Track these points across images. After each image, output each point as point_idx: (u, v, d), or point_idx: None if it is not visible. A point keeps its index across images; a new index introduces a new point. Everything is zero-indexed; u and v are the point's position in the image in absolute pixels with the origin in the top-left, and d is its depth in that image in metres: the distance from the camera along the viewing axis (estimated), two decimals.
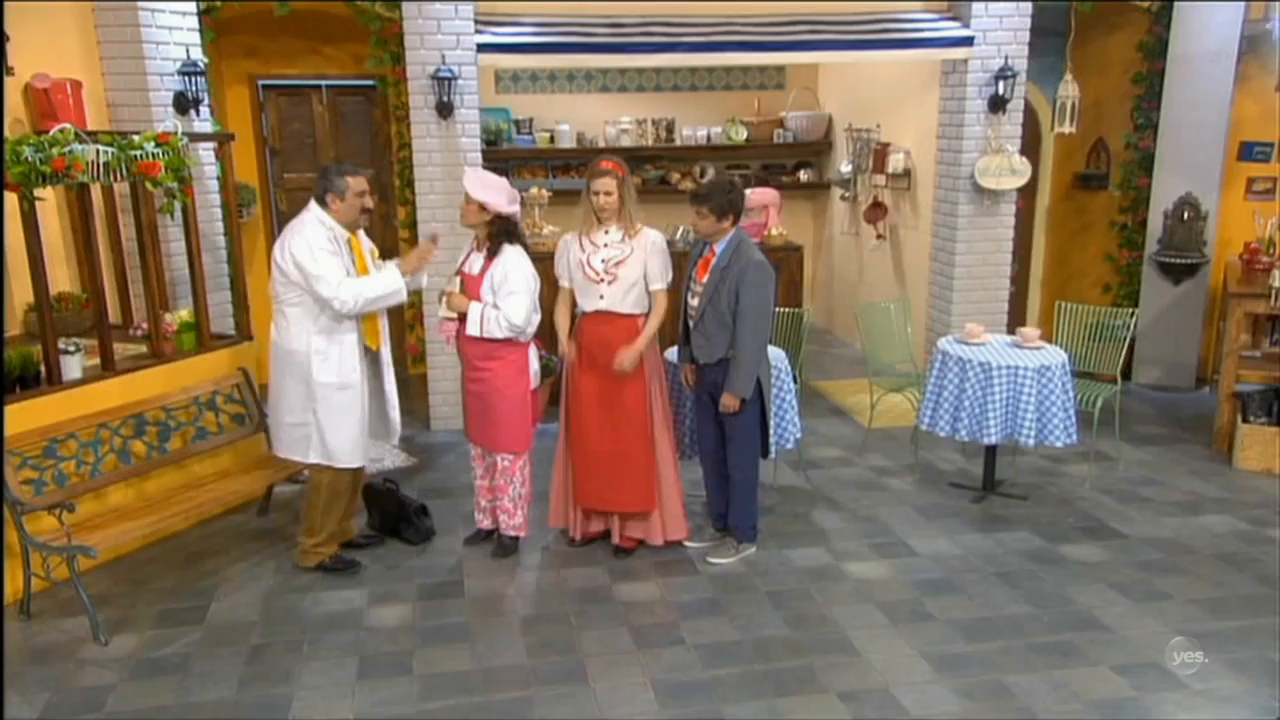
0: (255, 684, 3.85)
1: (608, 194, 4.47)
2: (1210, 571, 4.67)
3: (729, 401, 4.58)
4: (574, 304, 4.75)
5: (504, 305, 4.49)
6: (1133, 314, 5.98)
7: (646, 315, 4.67)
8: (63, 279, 5.54)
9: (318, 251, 4.27)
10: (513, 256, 4.54)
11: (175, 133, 4.69)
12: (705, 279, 4.57)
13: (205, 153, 5.80)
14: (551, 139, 8.92)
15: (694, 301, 4.65)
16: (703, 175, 9.41)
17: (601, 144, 9.06)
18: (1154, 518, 5.29)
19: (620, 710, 3.69)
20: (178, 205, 4.87)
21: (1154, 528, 5.16)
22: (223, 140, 5.38)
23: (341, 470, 4.59)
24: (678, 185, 9.06)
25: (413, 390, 7.20)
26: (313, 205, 4.40)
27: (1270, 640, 4.08)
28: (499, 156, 8.89)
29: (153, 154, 4.48)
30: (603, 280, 4.55)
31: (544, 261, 6.49)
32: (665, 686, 3.83)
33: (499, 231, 4.53)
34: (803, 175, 9.72)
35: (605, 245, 4.56)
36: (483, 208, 4.46)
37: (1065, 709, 3.65)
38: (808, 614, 4.35)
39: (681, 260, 4.99)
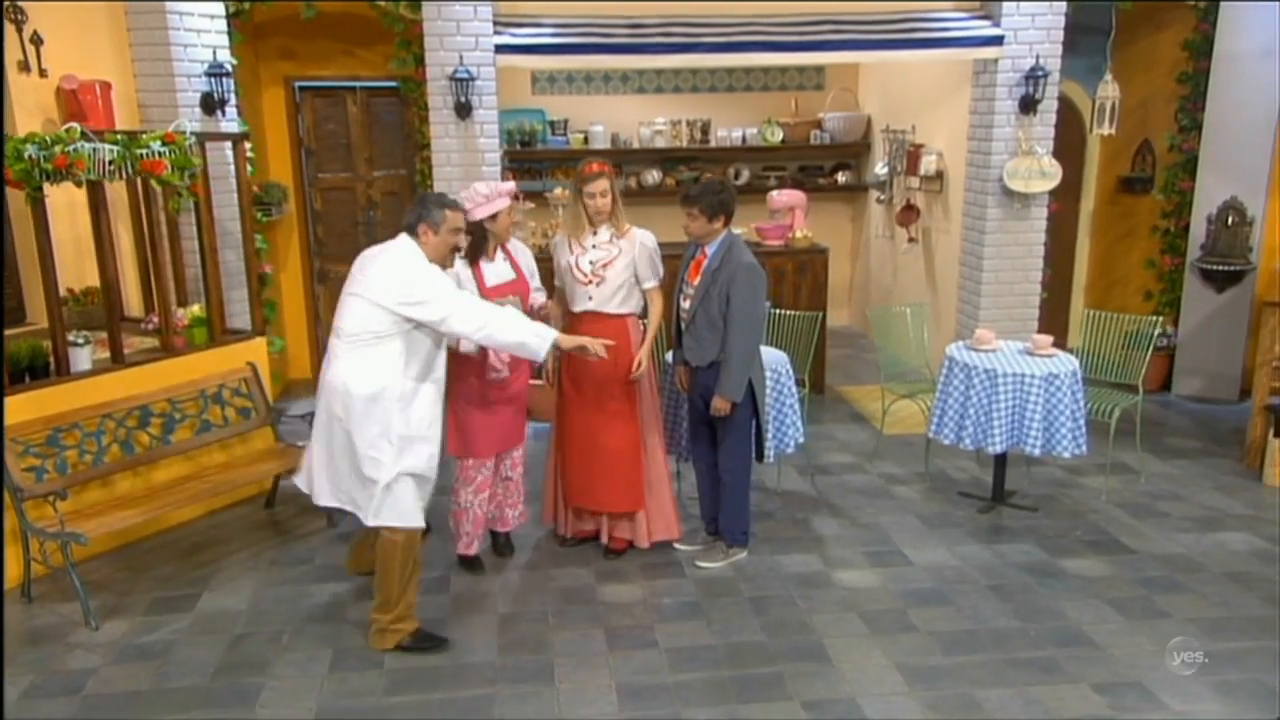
0: (230, 672, 3.94)
1: (603, 195, 4.46)
2: (1216, 590, 4.48)
3: (719, 404, 4.54)
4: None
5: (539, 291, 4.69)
6: (1157, 321, 5.76)
7: (636, 314, 4.67)
8: (93, 274, 5.74)
9: (425, 265, 3.85)
10: (520, 244, 4.70)
11: (183, 132, 4.81)
12: (697, 281, 4.55)
13: (230, 152, 5.96)
14: (585, 140, 8.95)
15: (685, 304, 4.62)
16: (737, 177, 9.37)
17: (635, 145, 9.07)
18: (1167, 533, 5.09)
19: (579, 711, 3.69)
20: (186, 202, 4.99)
21: (1165, 543, 4.97)
22: (237, 139, 5.52)
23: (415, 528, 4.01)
24: None
25: None
26: (401, 237, 3.93)
27: (1266, 663, 3.90)
28: (533, 157, 8.98)
29: (158, 153, 4.61)
30: (590, 282, 4.55)
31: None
32: (629, 689, 3.82)
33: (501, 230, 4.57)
34: (840, 177, 9.59)
35: (594, 247, 4.54)
36: (493, 217, 4.43)
37: None
38: (787, 621, 4.29)
39: (674, 263, 4.94)
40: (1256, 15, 6.86)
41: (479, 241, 4.43)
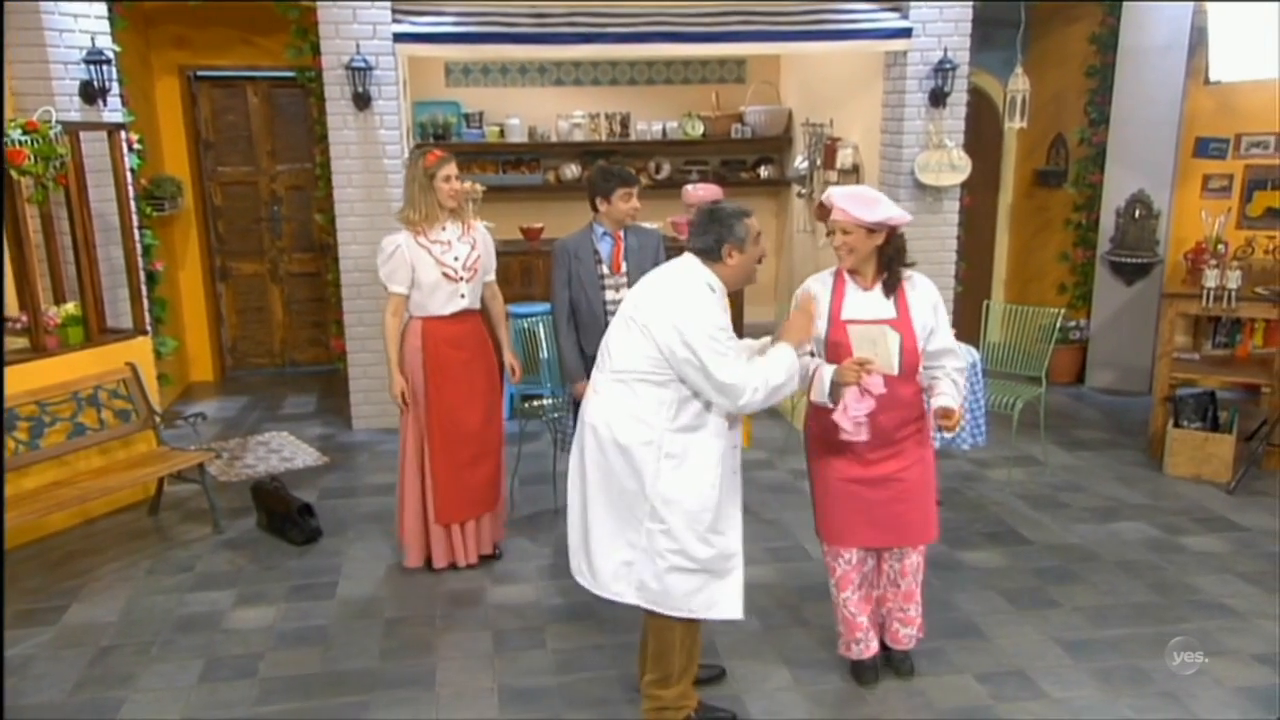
0: (91, 686, 3.75)
1: (458, 177, 4.29)
2: (1105, 579, 4.49)
3: None
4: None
5: (957, 352, 3.50)
6: (1058, 314, 5.79)
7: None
8: None
9: (718, 332, 3.07)
10: (924, 281, 3.48)
11: (47, 120, 4.58)
12: (624, 268, 4.46)
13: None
14: (502, 133, 8.79)
15: (618, 295, 4.44)
16: (658, 171, 9.29)
17: (553, 138, 8.94)
18: (1066, 524, 5.09)
19: (458, 714, 3.57)
20: (56, 195, 4.77)
21: (1062, 534, 4.97)
22: (112, 129, 5.28)
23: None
24: None
25: (335, 388, 7.14)
26: (694, 263, 3.18)
27: (1144, 649, 3.92)
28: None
29: (18, 141, 4.38)
30: (462, 279, 4.34)
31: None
32: (511, 691, 3.71)
33: (893, 254, 3.40)
34: (763, 172, 9.54)
35: (450, 242, 4.33)
36: (871, 230, 3.32)
37: (913, 714, 3.52)
38: None
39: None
40: (1158, 10, 6.93)
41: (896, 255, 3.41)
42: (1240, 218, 7.00)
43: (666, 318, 3.07)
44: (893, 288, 3.40)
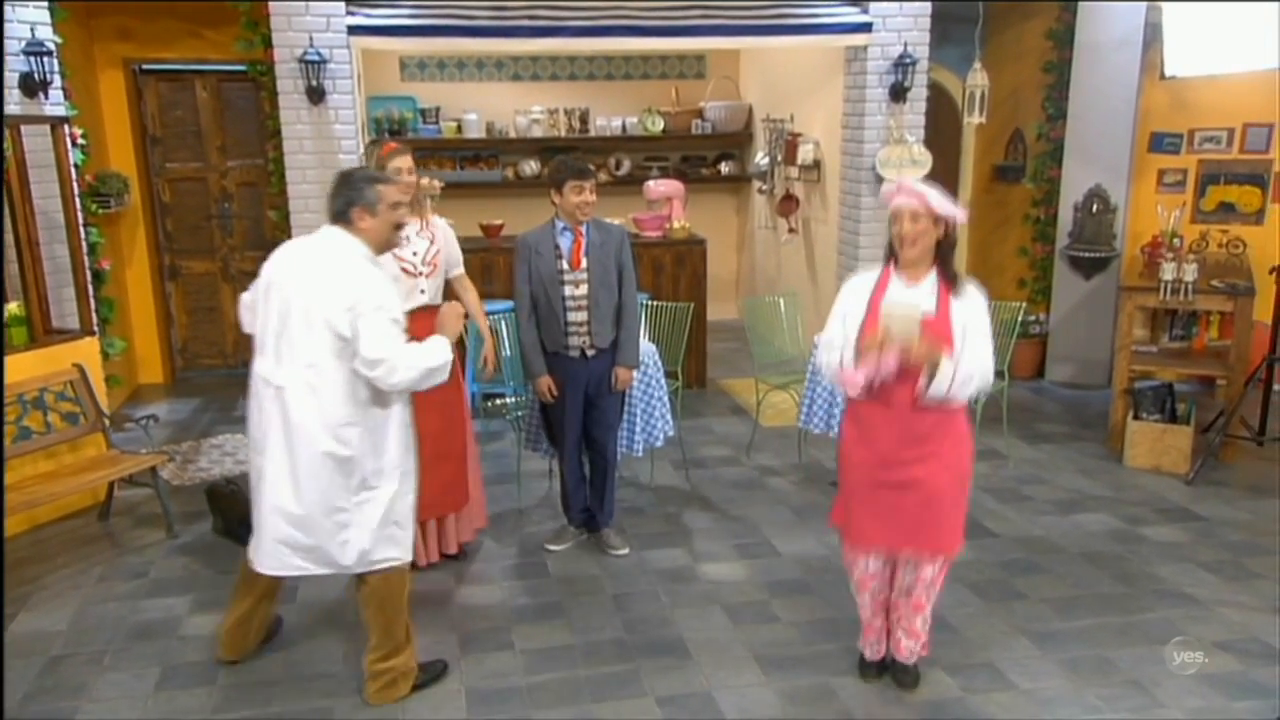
0: (41, 697, 3.61)
1: (410, 172, 4.18)
2: (1070, 570, 4.51)
3: (629, 376, 4.56)
4: None
5: (979, 354, 3.29)
6: (1020, 307, 5.83)
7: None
8: None
9: (387, 309, 3.22)
10: (976, 295, 3.33)
11: None
12: (584, 264, 4.41)
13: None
14: (459, 129, 8.69)
15: (578, 290, 4.42)
16: (618, 167, 9.24)
17: (512, 134, 8.86)
18: (1030, 517, 5.12)
19: (425, 717, 3.50)
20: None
21: (1027, 527, 5.00)
22: (55, 123, 5.11)
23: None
24: None
25: None
26: (331, 231, 3.31)
27: (1110, 639, 3.94)
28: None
29: None
30: (422, 274, 4.27)
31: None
32: (479, 693, 3.63)
33: (949, 247, 3.31)
34: (723, 168, 9.53)
35: (408, 237, 4.19)
36: (937, 221, 3.24)
37: (885, 711, 3.50)
38: (648, 617, 4.15)
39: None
40: (1114, 5, 7.00)
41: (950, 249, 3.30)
42: (1194, 212, 7.10)
43: (339, 299, 3.17)
44: (945, 284, 3.27)
